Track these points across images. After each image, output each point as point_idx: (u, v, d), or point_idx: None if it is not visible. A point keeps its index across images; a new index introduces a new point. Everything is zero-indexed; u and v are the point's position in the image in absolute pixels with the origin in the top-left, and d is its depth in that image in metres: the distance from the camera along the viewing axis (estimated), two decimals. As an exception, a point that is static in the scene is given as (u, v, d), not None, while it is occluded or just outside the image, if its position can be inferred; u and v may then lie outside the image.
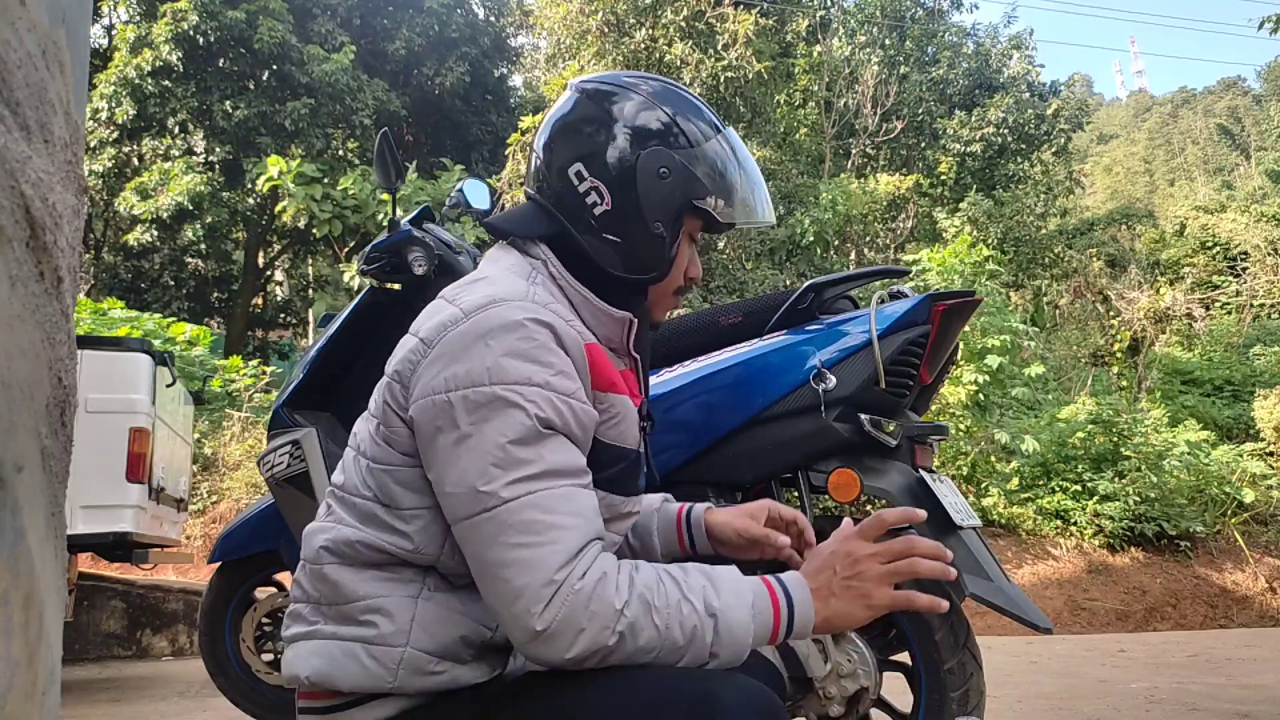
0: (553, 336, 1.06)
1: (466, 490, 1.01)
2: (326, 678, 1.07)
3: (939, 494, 1.59)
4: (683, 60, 9.66)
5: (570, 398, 1.06)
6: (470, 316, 1.06)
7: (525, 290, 1.11)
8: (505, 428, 1.01)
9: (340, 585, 1.09)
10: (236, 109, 12.32)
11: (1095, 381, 11.08)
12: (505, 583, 0.99)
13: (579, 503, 1.04)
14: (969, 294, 1.70)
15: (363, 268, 2.35)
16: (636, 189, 1.17)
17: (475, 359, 1.03)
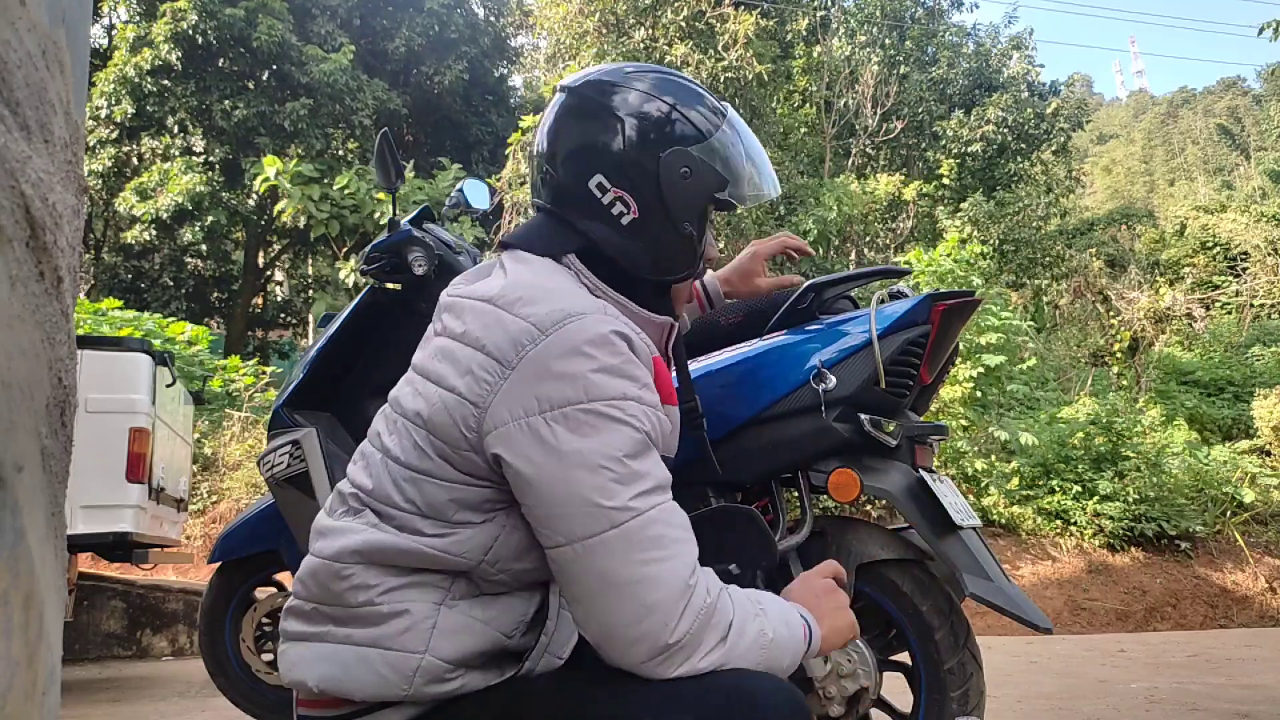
0: (630, 348, 1.04)
1: (587, 508, 0.97)
2: (338, 685, 1.04)
3: (939, 494, 1.59)
4: (683, 61, 9.66)
5: (657, 410, 1.05)
6: (549, 333, 1.01)
7: (592, 301, 1.08)
8: (617, 443, 0.99)
9: (363, 587, 1.05)
10: (235, 109, 12.31)
11: (1095, 381, 11.08)
12: (636, 599, 0.97)
13: (683, 516, 1.04)
14: (969, 294, 1.70)
15: (363, 268, 2.35)
16: (662, 193, 1.15)
17: (570, 379, 0.99)
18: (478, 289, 1.10)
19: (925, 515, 1.59)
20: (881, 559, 1.64)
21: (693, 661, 0.98)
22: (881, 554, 1.64)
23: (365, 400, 2.33)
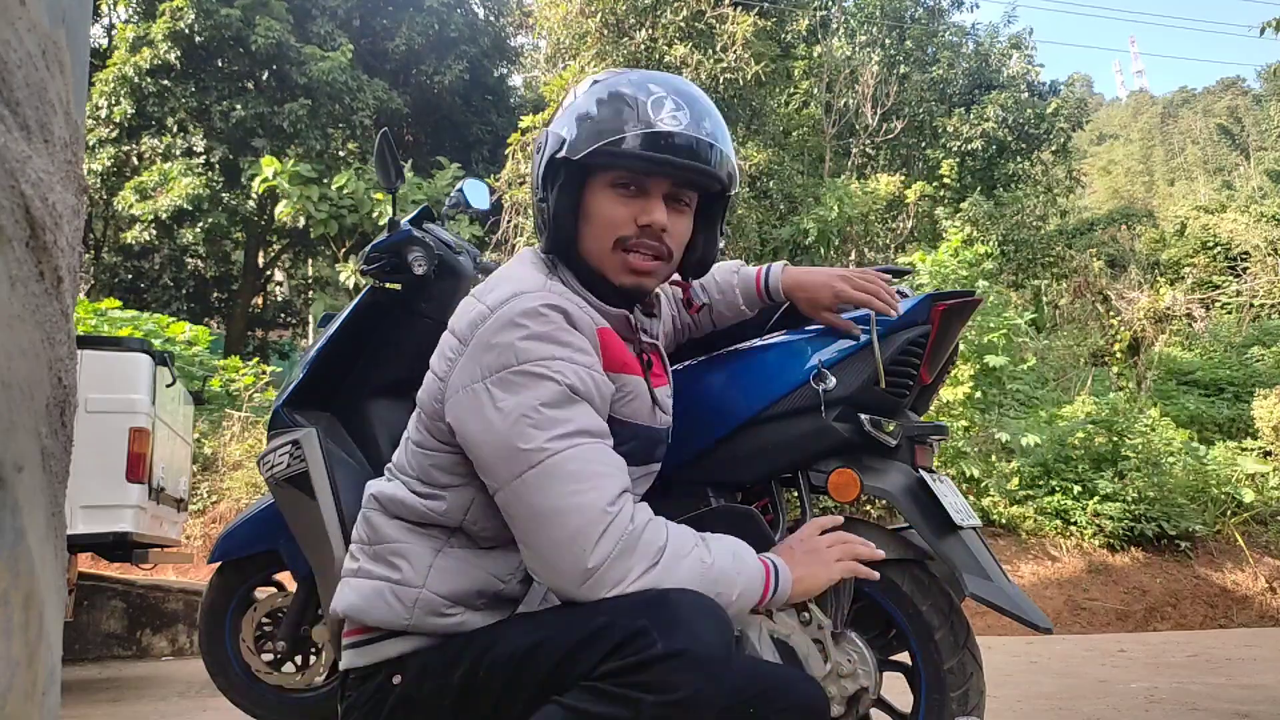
0: (566, 318, 1.16)
1: (508, 452, 1.11)
2: (358, 612, 1.23)
3: (939, 494, 1.59)
4: (682, 61, 9.66)
5: (590, 369, 1.16)
6: (495, 311, 1.16)
7: (543, 282, 1.22)
8: (537, 395, 1.11)
9: (378, 529, 1.26)
10: (233, 110, 12.29)
11: (1095, 381, 11.08)
12: (559, 528, 1.08)
13: (612, 457, 1.15)
14: (969, 294, 1.70)
15: (362, 268, 2.35)
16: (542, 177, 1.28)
17: (503, 347, 1.14)
18: (476, 287, 1.29)
19: (925, 515, 1.58)
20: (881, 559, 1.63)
21: (622, 585, 1.07)
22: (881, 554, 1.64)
23: (365, 400, 2.33)
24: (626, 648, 1.02)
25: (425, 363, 2.39)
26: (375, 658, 1.23)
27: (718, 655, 1.03)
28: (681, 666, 1.00)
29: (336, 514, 2.14)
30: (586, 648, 1.05)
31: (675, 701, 0.99)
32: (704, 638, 1.03)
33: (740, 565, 1.16)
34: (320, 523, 2.13)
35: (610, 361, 1.22)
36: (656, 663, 1.00)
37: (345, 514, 2.16)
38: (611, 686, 1.02)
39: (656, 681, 1.00)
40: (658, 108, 1.22)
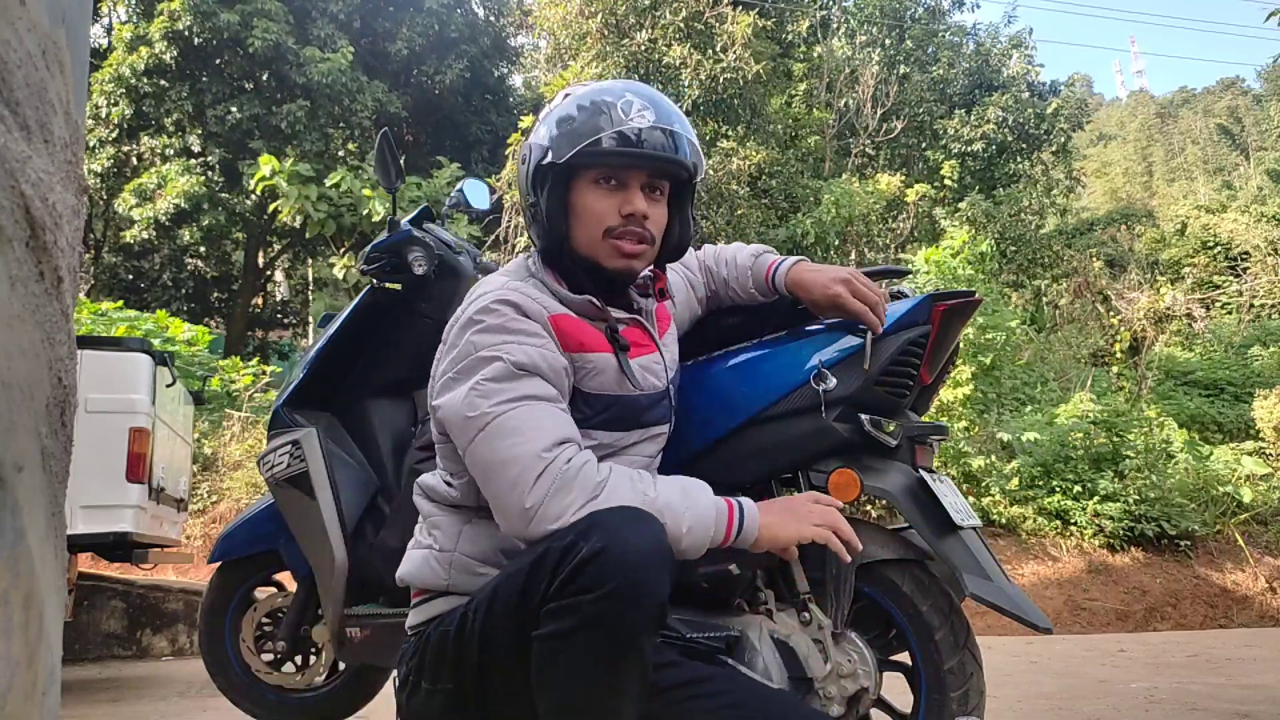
0: (516, 309, 1.31)
1: (462, 423, 1.26)
2: (410, 577, 1.42)
3: (939, 494, 1.59)
4: (682, 61, 9.65)
5: (540, 348, 1.29)
6: (464, 312, 1.34)
7: (503, 282, 1.36)
8: (485, 373, 1.26)
9: (423, 510, 1.45)
10: (229, 113, 12.26)
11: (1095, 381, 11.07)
12: (502, 477, 1.22)
13: (557, 414, 1.27)
14: (969, 294, 1.69)
15: (363, 268, 2.35)
16: (520, 188, 1.45)
17: (463, 343, 1.30)
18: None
19: (925, 515, 1.58)
20: (881, 559, 1.63)
21: (563, 519, 1.19)
22: (881, 554, 1.63)
23: (365, 400, 2.33)
24: (562, 563, 1.13)
25: (425, 363, 2.38)
26: (426, 615, 1.39)
27: (643, 549, 1.12)
28: (606, 562, 1.09)
29: (336, 514, 2.14)
30: (534, 577, 1.16)
31: (606, 594, 1.08)
32: (626, 534, 1.12)
33: (690, 501, 1.24)
34: (320, 522, 2.13)
35: (567, 342, 1.34)
36: (585, 565, 1.10)
37: (345, 514, 2.16)
38: (560, 602, 1.12)
39: (589, 583, 1.10)
40: (627, 109, 1.36)
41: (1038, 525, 7.36)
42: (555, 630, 1.12)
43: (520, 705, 1.22)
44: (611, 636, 1.10)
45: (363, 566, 2.13)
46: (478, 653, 1.23)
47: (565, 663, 1.12)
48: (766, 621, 1.55)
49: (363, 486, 2.24)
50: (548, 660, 1.14)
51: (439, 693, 1.28)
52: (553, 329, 1.33)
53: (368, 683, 2.41)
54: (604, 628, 1.10)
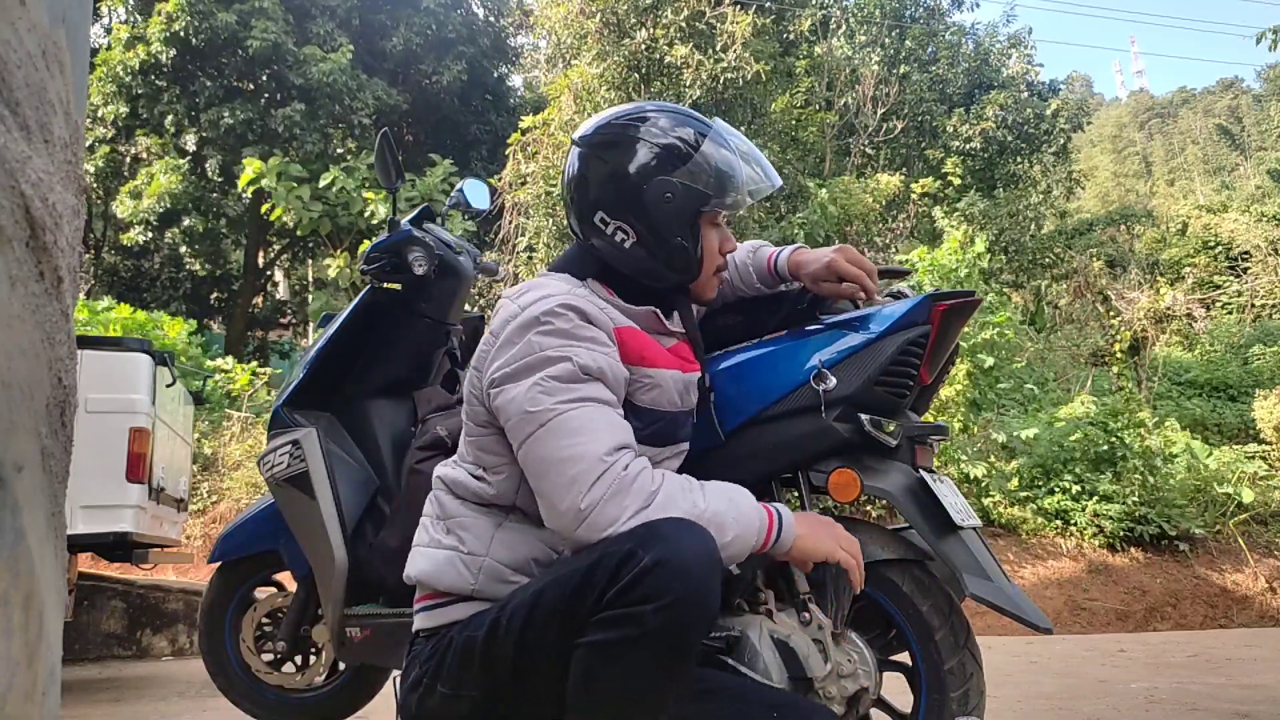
0: (582, 315, 1.31)
1: (523, 417, 1.26)
2: (430, 578, 1.36)
3: (939, 494, 1.59)
4: (683, 61, 9.64)
5: (606, 355, 1.31)
6: (524, 310, 1.33)
7: (568, 288, 1.37)
8: (550, 371, 1.27)
9: (445, 506, 1.41)
10: (223, 115, 12.23)
11: (1095, 381, 11.07)
12: (559, 475, 1.22)
13: (616, 419, 1.29)
14: (969, 294, 1.69)
15: (362, 268, 2.35)
16: (651, 218, 1.41)
17: (526, 340, 1.30)
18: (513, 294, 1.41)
19: (925, 515, 1.58)
20: (881, 559, 1.63)
21: (616, 525, 1.20)
22: (881, 554, 1.63)
23: (365, 400, 2.33)
24: (620, 572, 1.13)
25: (425, 362, 2.41)
26: (443, 620, 1.36)
27: (701, 559, 1.15)
28: (667, 573, 1.11)
29: (336, 514, 2.14)
30: (587, 584, 1.16)
31: (669, 604, 1.10)
32: (684, 545, 1.14)
33: (735, 510, 1.27)
34: (320, 522, 2.13)
35: (628, 354, 1.36)
36: (646, 575, 1.11)
37: (345, 514, 2.15)
38: (617, 611, 1.13)
39: (650, 592, 1.11)
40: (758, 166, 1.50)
41: (1038, 526, 7.36)
42: (609, 638, 1.13)
43: (551, 711, 1.22)
44: (671, 645, 1.13)
45: (363, 566, 2.13)
46: (513, 658, 1.22)
47: (622, 670, 1.13)
48: (766, 621, 1.55)
49: (363, 486, 2.24)
50: (599, 668, 1.15)
51: (462, 699, 1.27)
52: (617, 339, 1.35)
53: (368, 683, 2.41)
54: (665, 637, 1.12)
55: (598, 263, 1.46)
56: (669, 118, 1.45)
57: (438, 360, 2.42)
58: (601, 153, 1.44)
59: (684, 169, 1.41)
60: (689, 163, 1.41)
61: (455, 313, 2.44)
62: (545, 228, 9.86)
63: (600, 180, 1.44)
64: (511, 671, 1.22)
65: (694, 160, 1.41)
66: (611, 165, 1.43)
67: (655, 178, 1.40)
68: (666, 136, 1.42)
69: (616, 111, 1.49)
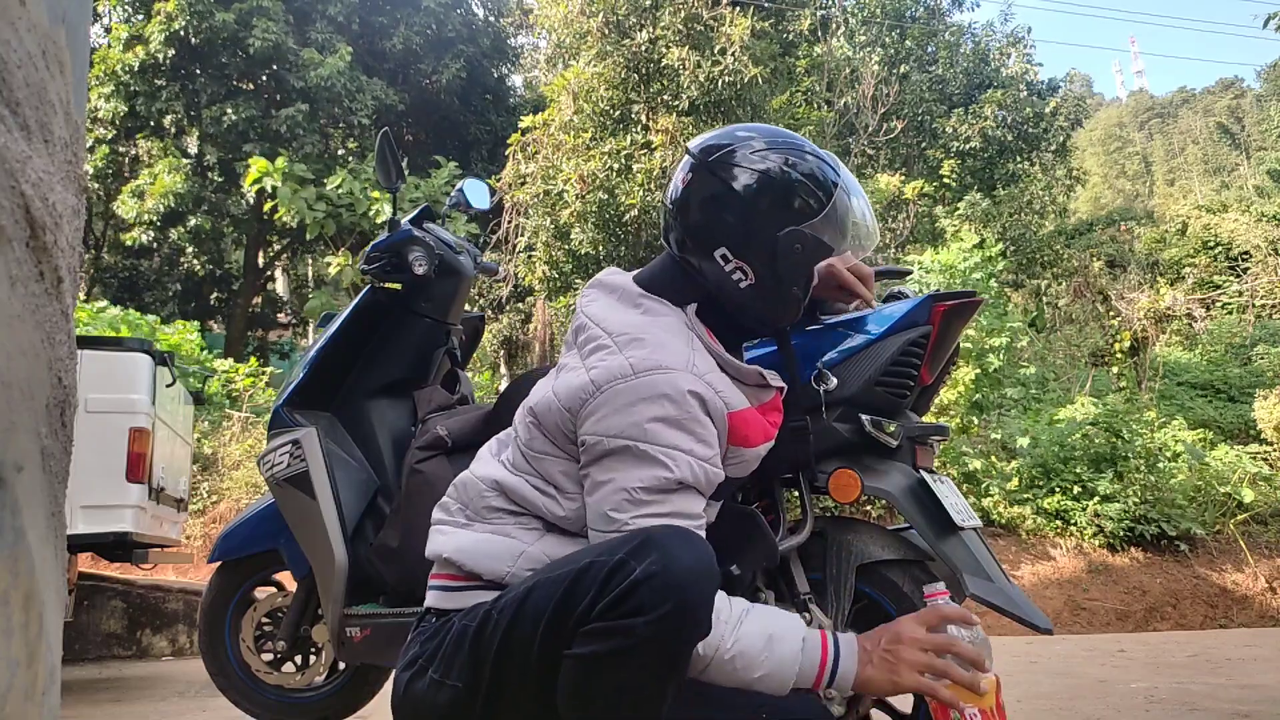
0: (702, 407, 1.24)
1: (600, 517, 1.23)
2: (464, 555, 1.31)
3: (939, 494, 1.59)
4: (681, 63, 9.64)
5: (707, 463, 1.25)
6: (638, 376, 1.23)
7: (687, 358, 1.28)
8: (644, 477, 1.21)
9: (495, 508, 1.34)
10: (224, 114, 12.22)
11: (1095, 381, 11.07)
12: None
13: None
14: (970, 294, 1.70)
15: (363, 267, 2.35)
16: (776, 266, 1.35)
17: (636, 417, 1.21)
18: (608, 321, 1.32)
19: (926, 516, 1.58)
20: (882, 559, 1.63)
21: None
22: (882, 554, 1.63)
23: (365, 400, 2.33)
24: (611, 582, 1.11)
25: (425, 362, 2.41)
26: (460, 603, 1.30)
27: (696, 570, 1.12)
28: (661, 585, 1.08)
29: (336, 513, 2.14)
30: (574, 592, 1.13)
31: (661, 617, 1.08)
32: (678, 557, 1.11)
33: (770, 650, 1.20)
34: (320, 522, 2.13)
35: (733, 437, 1.31)
36: (638, 587, 1.09)
37: (345, 513, 2.15)
38: (607, 623, 1.10)
39: (642, 604, 1.08)
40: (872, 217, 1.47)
41: (1038, 525, 7.36)
42: (598, 650, 1.11)
43: (528, 717, 1.21)
44: (663, 656, 1.11)
45: (363, 566, 2.13)
46: (494, 657, 1.20)
47: (613, 682, 1.12)
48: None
49: (363, 486, 2.24)
50: (589, 679, 1.13)
51: (446, 687, 1.25)
52: (727, 424, 1.30)
53: (367, 682, 2.41)
54: (657, 648, 1.10)
55: (699, 291, 1.38)
56: (807, 158, 1.37)
57: (438, 360, 2.42)
58: (735, 182, 1.34)
59: (817, 220, 1.35)
60: (821, 214, 1.36)
61: (455, 312, 2.44)
62: (544, 227, 9.86)
63: (729, 213, 1.35)
64: (491, 670, 1.21)
65: (826, 211, 1.36)
66: (746, 201, 1.34)
67: (789, 227, 1.34)
68: (806, 182, 1.35)
69: (747, 135, 1.40)
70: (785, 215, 1.34)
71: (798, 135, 1.45)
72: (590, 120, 9.96)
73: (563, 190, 9.53)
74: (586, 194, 9.22)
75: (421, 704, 1.27)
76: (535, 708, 1.20)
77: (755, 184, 1.34)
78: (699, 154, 1.39)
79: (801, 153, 1.38)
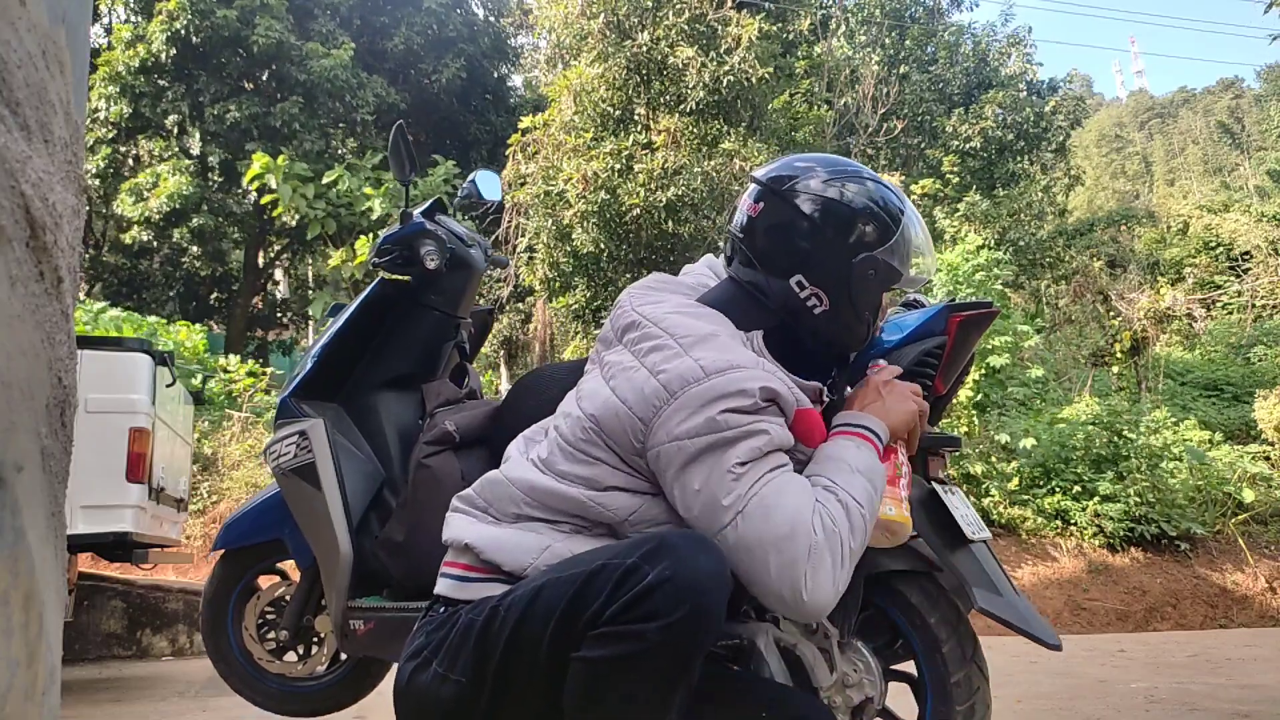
0: (775, 400, 1.26)
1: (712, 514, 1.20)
2: (486, 544, 1.29)
3: (950, 506, 1.58)
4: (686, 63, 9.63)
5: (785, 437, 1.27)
6: (710, 377, 1.23)
7: (756, 360, 1.31)
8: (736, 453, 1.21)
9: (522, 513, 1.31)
10: (227, 111, 12.22)
11: (1095, 382, 11.07)
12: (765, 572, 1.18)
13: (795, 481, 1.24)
14: (987, 304, 1.67)
15: (374, 259, 2.34)
16: (851, 292, 1.38)
17: (711, 413, 1.21)
18: (667, 321, 1.32)
19: (936, 527, 1.58)
20: (890, 569, 1.63)
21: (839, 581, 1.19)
22: (890, 565, 1.62)
23: (373, 392, 2.32)
24: (622, 587, 1.11)
25: (433, 355, 2.41)
26: (472, 595, 1.29)
27: (708, 575, 1.12)
28: (673, 590, 1.08)
29: (342, 505, 2.14)
30: (584, 594, 1.13)
31: (674, 622, 1.08)
32: (690, 562, 1.11)
33: (860, 473, 1.27)
34: (325, 514, 2.13)
35: (800, 435, 1.32)
36: (650, 592, 1.09)
37: (350, 506, 2.15)
38: (618, 627, 1.10)
39: (655, 609, 1.08)
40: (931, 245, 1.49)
41: (1037, 525, 7.36)
42: (608, 654, 1.11)
43: (531, 716, 1.21)
44: (674, 661, 1.11)
45: (367, 559, 2.13)
46: (500, 654, 1.20)
47: (623, 687, 1.12)
48: (773, 629, 1.54)
49: (369, 479, 2.24)
50: (598, 683, 1.13)
51: (450, 681, 1.24)
52: (794, 422, 1.32)
53: (369, 674, 2.41)
54: (668, 653, 1.10)
55: (765, 318, 1.39)
56: (871, 185, 1.41)
57: (446, 353, 2.41)
58: (807, 209, 1.38)
59: (887, 246, 1.39)
60: (891, 240, 1.39)
61: (465, 306, 2.44)
62: (545, 228, 9.86)
63: (804, 240, 1.38)
64: (497, 667, 1.20)
65: (896, 238, 1.39)
66: (819, 229, 1.37)
67: (863, 254, 1.37)
68: (876, 209, 1.39)
69: (807, 165, 1.43)
70: (863, 243, 1.38)
71: (856, 163, 1.49)
72: (591, 120, 9.96)
73: (564, 190, 9.52)
74: (588, 193, 9.21)
75: (424, 696, 1.26)
76: (540, 706, 1.20)
77: (829, 211, 1.38)
78: (768, 182, 1.41)
79: (865, 180, 1.42)
